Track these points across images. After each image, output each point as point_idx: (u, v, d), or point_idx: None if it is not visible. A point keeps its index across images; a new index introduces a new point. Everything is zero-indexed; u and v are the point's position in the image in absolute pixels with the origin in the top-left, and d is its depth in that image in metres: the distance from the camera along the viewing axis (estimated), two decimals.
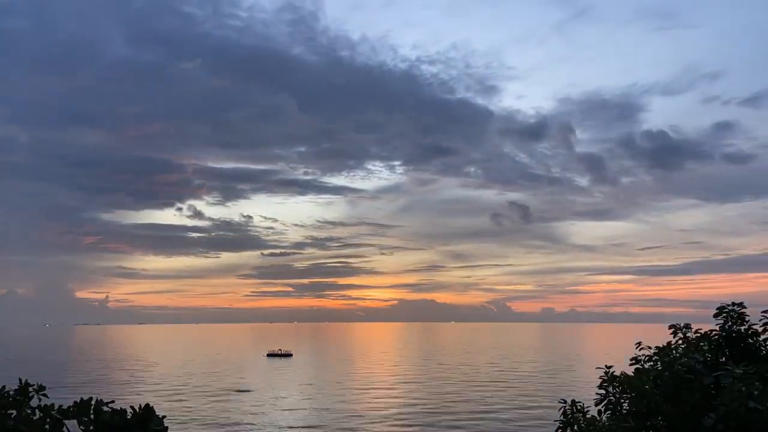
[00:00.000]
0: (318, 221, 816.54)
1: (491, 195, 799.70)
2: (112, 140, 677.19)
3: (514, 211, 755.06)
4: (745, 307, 10.52)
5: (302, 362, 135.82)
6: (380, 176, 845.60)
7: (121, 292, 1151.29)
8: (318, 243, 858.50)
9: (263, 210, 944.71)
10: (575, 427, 10.04)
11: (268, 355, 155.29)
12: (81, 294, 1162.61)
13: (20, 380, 7.50)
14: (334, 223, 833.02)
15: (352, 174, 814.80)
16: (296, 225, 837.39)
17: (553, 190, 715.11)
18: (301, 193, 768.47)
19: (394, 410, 64.98)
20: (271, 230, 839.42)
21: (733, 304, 10.65)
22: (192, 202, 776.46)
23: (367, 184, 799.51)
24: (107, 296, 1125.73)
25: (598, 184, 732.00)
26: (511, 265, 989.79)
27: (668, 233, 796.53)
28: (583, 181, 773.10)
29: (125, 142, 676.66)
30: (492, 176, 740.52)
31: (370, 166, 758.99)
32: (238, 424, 57.69)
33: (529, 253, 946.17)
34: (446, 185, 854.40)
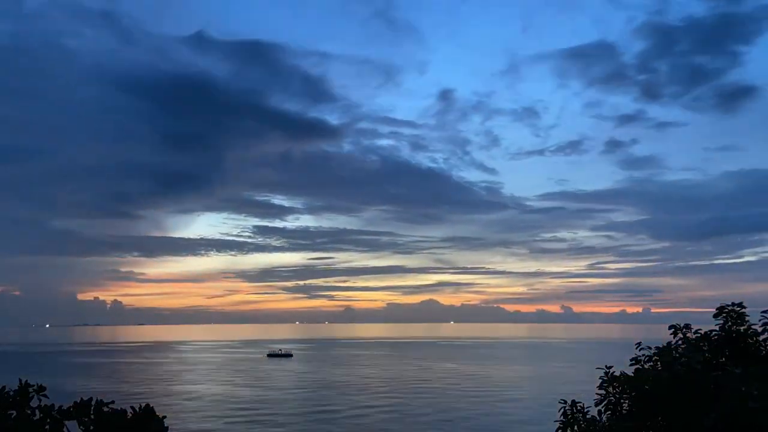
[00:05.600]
0: (314, 224, 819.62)
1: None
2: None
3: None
4: (744, 307, 10.46)
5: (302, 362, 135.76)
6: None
7: (120, 293, 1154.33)
8: (315, 246, 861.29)
9: (260, 216, 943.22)
10: (575, 428, 10.01)
11: (269, 355, 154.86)
12: (82, 296, 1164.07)
13: (20, 380, 7.49)
14: (330, 227, 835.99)
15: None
16: (294, 227, 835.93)
17: None
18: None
19: None
20: (270, 234, 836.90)
21: (733, 304, 10.59)
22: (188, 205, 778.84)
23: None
24: (106, 298, 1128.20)
25: None
26: (501, 270, 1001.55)
27: None
28: None
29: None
30: None
31: None
32: None
33: (514, 257, 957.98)
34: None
